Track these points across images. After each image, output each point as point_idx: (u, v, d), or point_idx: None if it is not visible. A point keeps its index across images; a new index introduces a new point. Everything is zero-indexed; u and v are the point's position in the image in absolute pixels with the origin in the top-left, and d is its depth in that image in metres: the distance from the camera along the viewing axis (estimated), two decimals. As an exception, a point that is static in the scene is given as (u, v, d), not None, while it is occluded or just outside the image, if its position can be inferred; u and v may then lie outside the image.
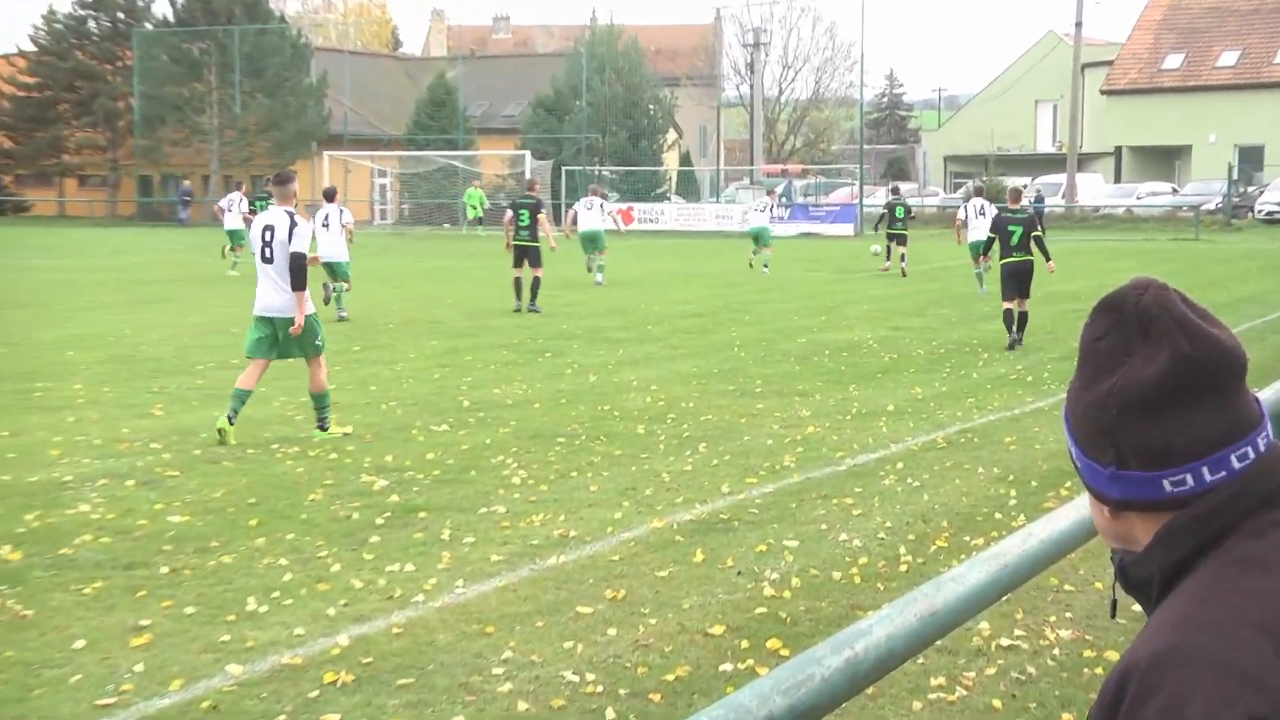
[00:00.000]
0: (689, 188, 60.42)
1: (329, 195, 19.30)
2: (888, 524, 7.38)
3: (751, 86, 60.76)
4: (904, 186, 52.06)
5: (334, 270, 18.62)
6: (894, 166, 73.07)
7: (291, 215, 9.92)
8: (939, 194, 60.02)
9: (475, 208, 44.28)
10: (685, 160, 65.08)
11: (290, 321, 9.86)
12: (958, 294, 22.19)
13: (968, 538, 7.12)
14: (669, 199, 56.82)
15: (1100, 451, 1.42)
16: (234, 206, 27.37)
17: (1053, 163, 60.66)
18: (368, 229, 51.65)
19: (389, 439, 9.84)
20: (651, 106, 58.65)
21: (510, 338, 16.05)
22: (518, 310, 19.38)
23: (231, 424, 9.54)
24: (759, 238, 29.13)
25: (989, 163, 54.92)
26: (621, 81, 57.54)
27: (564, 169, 54.23)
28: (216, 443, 9.49)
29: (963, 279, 25.05)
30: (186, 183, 57.30)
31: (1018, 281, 15.36)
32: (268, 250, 9.91)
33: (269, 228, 9.91)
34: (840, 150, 74.57)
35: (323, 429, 9.82)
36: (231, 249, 27.79)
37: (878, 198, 54.98)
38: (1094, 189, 53.91)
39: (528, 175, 46.14)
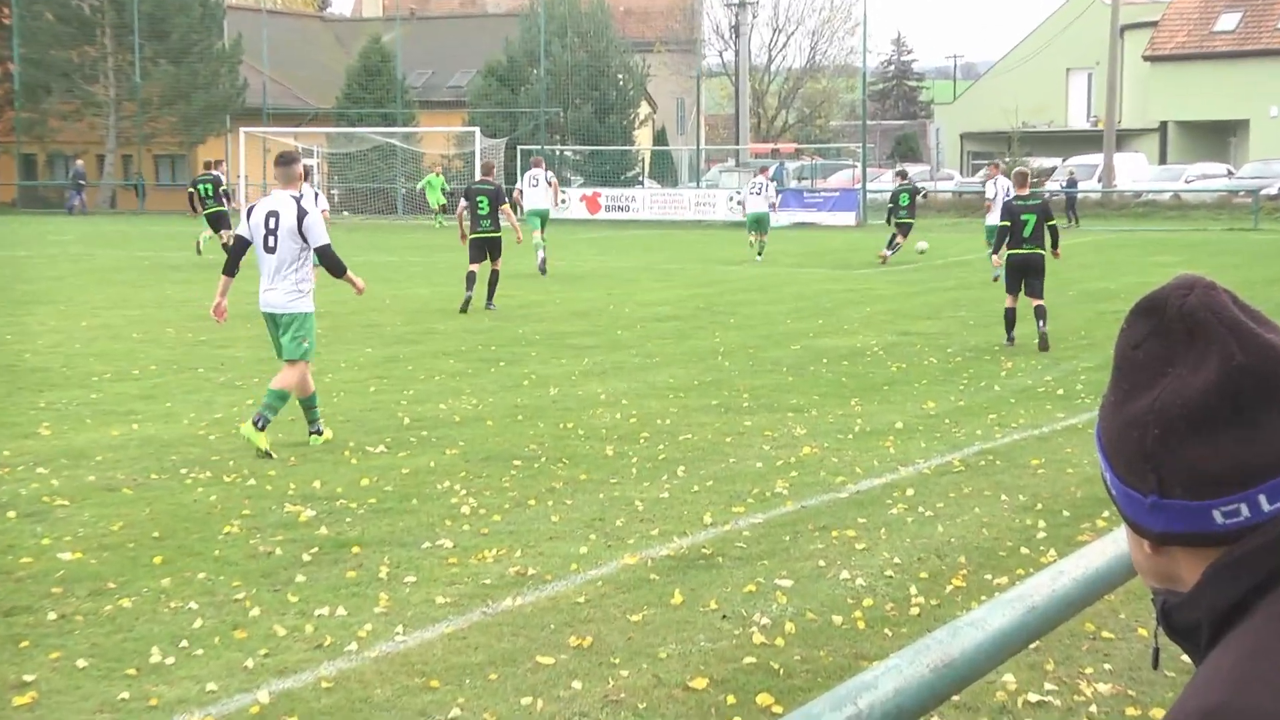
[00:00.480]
0: (664, 170, 60.55)
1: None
2: (896, 560, 7.42)
3: (737, 53, 60.99)
4: (913, 169, 52.46)
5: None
6: (902, 146, 73.52)
7: (298, 201, 10.35)
8: (954, 177, 60.43)
9: (438, 195, 44.07)
10: (660, 139, 65.24)
11: (293, 319, 10.40)
12: (976, 293, 22.33)
13: (989, 576, 7.16)
14: (641, 183, 56.92)
15: (1139, 477, 1.42)
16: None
17: (1087, 141, 61.19)
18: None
19: (317, 462, 9.82)
20: (620, 76, 58.78)
21: (458, 344, 16.04)
22: (465, 310, 19.55)
23: (262, 429, 10.00)
24: (759, 223, 29.97)
25: (1012, 141, 55.17)
26: (586, 47, 57.68)
27: (519, 148, 54.23)
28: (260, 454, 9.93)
29: (981, 274, 25.20)
30: (79, 163, 56.76)
31: (1027, 276, 15.80)
32: (271, 239, 10.32)
33: (273, 214, 10.30)
34: (840, 127, 74.88)
35: (257, 425, 10.02)
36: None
37: (883, 182, 55.32)
38: (1135, 171, 54.36)
39: (478, 155, 46.24)
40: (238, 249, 10.57)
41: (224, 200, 29.15)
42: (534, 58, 56.92)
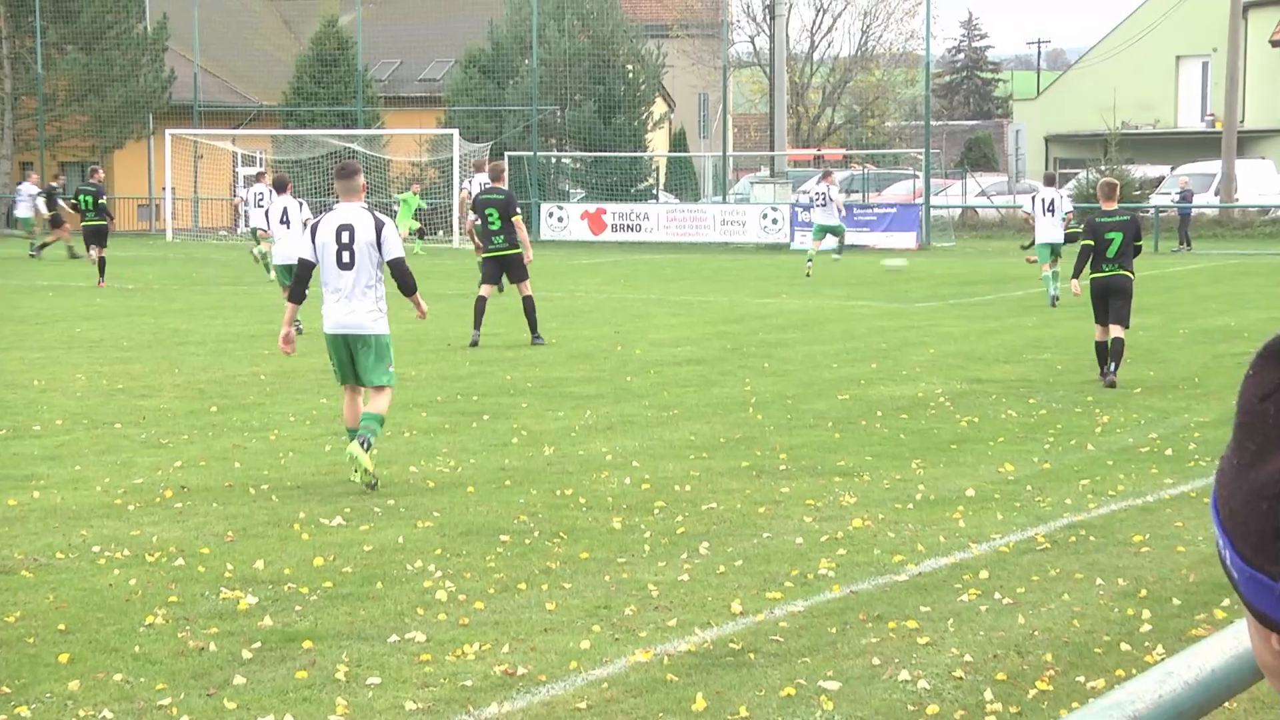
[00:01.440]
0: (684, 182, 60.88)
1: (280, 186, 23.22)
2: (966, 658, 7.42)
3: (772, 38, 61.29)
4: (986, 179, 52.63)
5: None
6: (974, 151, 73.78)
7: (372, 212, 11.75)
8: (1037, 188, 60.49)
9: (413, 220, 43.69)
10: (679, 143, 65.59)
11: (376, 340, 11.61)
12: (1064, 330, 22.36)
13: (1081, 678, 7.16)
14: (655, 197, 57.20)
15: (1269, 558, 1.40)
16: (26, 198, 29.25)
17: (1203, 144, 61.17)
18: (227, 238, 51.79)
19: (260, 537, 9.84)
20: (630, 67, 59.10)
21: (433, 393, 16.08)
22: (475, 344, 20.23)
23: (367, 450, 11.09)
24: (827, 232, 32.91)
25: (1109, 144, 55.27)
26: (588, 31, 58.05)
27: (506, 154, 54.42)
28: (365, 485, 11.07)
29: (1069, 309, 25.22)
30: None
31: (1114, 301, 16.40)
32: (346, 254, 11.55)
33: (345, 228, 11.55)
34: (897, 129, 75.23)
35: (363, 446, 11.13)
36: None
37: (950, 195, 55.46)
38: (1263, 181, 54.36)
39: (456, 162, 46.48)
40: (304, 272, 11.83)
41: (105, 214, 32.13)
42: (524, 45, 57.30)
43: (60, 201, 34.89)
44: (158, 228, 54.06)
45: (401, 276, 11.86)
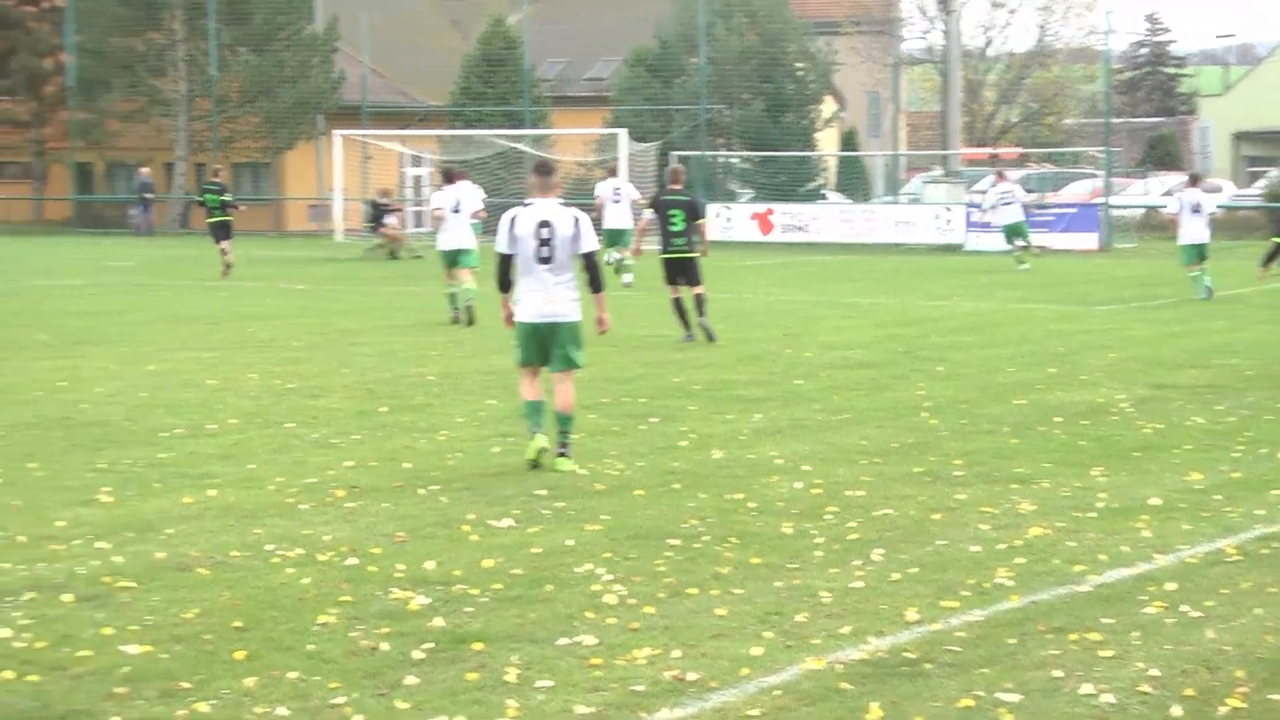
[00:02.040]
0: (854, 181, 60.48)
1: (450, 176, 24.80)
2: (1153, 672, 7.30)
3: (946, 34, 60.72)
4: (1171, 178, 51.60)
5: (459, 260, 23.59)
6: (1157, 149, 72.37)
7: (570, 208, 12.58)
8: (1222, 189, 59.28)
9: None
10: (848, 142, 65.21)
11: (575, 326, 12.53)
12: (1254, 334, 21.88)
13: (1276, 695, 7.01)
14: (824, 197, 56.92)
15: None
16: None
17: None
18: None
19: (430, 538, 9.96)
20: (800, 65, 58.91)
21: (599, 395, 16.17)
22: (689, 339, 21.09)
23: (538, 437, 12.22)
24: (1015, 232, 33.12)
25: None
26: (757, 29, 57.95)
27: (673, 154, 54.50)
28: (530, 465, 12.09)
29: (1261, 311, 24.71)
30: (144, 172, 58.15)
31: None
32: (546, 249, 12.36)
33: (545, 224, 12.36)
34: (1076, 126, 74.08)
35: (565, 455, 12.20)
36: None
37: (1131, 194, 54.48)
38: None
39: (623, 161, 46.55)
40: (504, 266, 12.63)
41: (228, 211, 34.93)
42: (692, 43, 57.36)
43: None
44: (327, 228, 54.89)
45: (594, 270, 12.68)
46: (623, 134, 49.40)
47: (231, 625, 8.02)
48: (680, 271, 21.59)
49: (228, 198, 35.12)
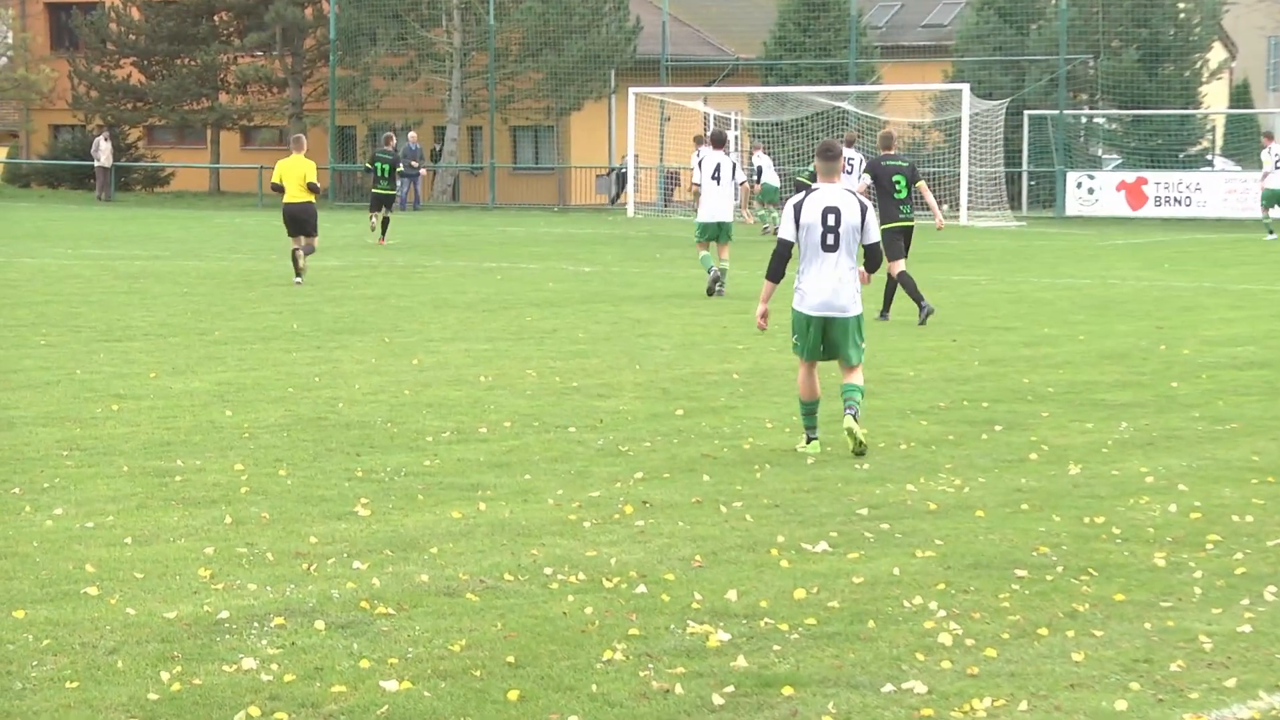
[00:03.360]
0: (1246, 144, 58.77)
1: (718, 140, 26.73)
2: None
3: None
4: None
5: (722, 232, 26.14)
6: None
7: (856, 195, 13.52)
8: None
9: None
10: (1240, 97, 63.50)
11: (859, 320, 13.51)
12: None
13: None
14: (1210, 164, 55.48)
15: None
16: None
17: None
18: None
19: (732, 563, 9.93)
20: (1183, 6, 57.54)
21: (934, 397, 16.05)
22: (931, 312, 22.27)
23: (814, 443, 13.49)
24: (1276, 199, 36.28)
25: None
26: (1132, -38, 56.73)
27: (1026, 113, 53.67)
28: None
29: None
30: (412, 138, 58.70)
31: None
32: (831, 236, 13.23)
33: (831, 210, 13.21)
34: None
35: (855, 416, 13.24)
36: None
37: None
38: None
39: (965, 123, 46.03)
40: (784, 251, 13.48)
41: (395, 183, 38.41)
42: (1051, -18, 56.46)
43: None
44: (619, 202, 55.50)
45: (876, 260, 13.99)
46: (965, 90, 48.87)
47: (504, 660, 8.07)
48: (908, 243, 22.91)
49: (401, 168, 38.53)
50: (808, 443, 13.42)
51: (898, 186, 22.60)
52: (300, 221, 28.71)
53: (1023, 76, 55.42)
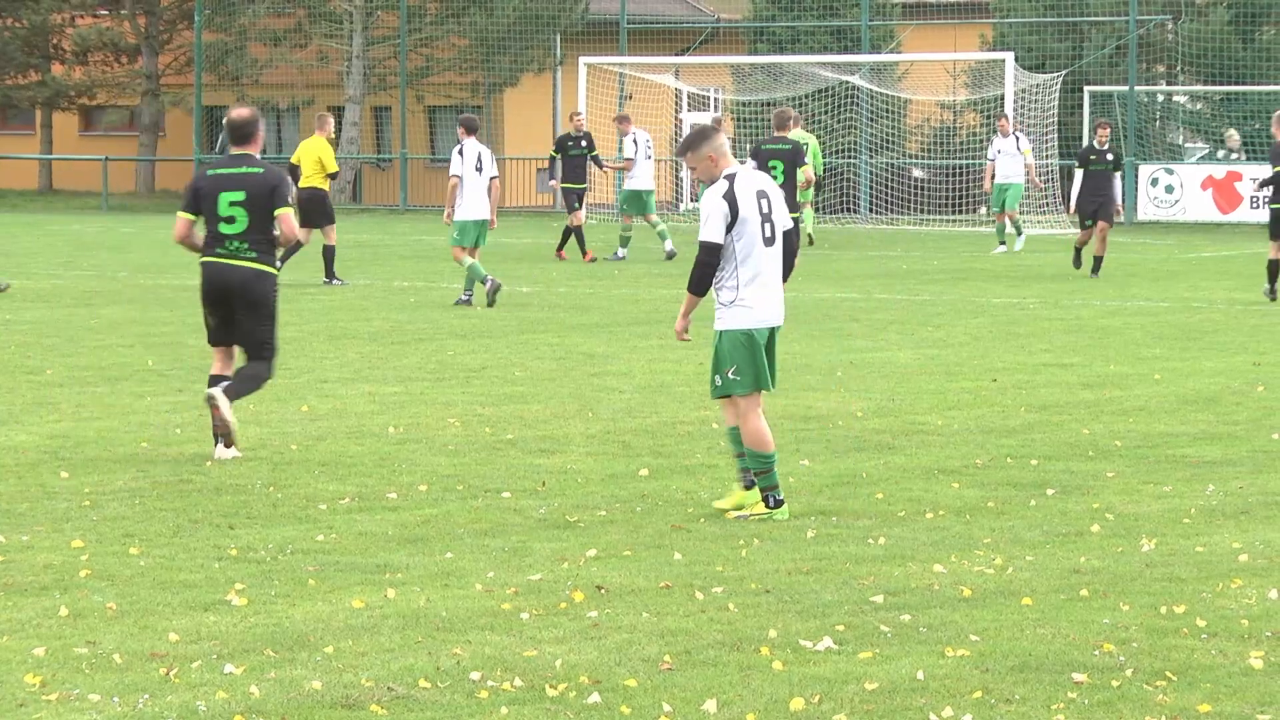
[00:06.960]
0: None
1: (470, 127, 28.00)
2: None
3: None
4: None
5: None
6: None
7: (761, 175, 14.07)
8: None
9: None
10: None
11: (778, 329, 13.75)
12: None
13: None
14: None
15: None
16: None
17: None
18: (669, 214, 52.90)
19: (711, 664, 9.93)
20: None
21: (970, 453, 16.16)
22: None
23: (783, 504, 13.60)
24: None
25: None
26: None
27: (1087, 89, 53.88)
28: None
29: None
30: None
31: None
32: (768, 227, 13.40)
33: (763, 195, 13.37)
34: None
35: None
36: None
37: None
38: None
39: (1009, 99, 46.15)
40: (714, 261, 13.37)
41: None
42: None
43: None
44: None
45: (793, 254, 14.00)
46: (1009, 60, 49.05)
47: None
48: None
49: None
50: (775, 506, 13.59)
51: (774, 172, 23.52)
52: (305, 211, 29.21)
53: (1082, 43, 55.67)
